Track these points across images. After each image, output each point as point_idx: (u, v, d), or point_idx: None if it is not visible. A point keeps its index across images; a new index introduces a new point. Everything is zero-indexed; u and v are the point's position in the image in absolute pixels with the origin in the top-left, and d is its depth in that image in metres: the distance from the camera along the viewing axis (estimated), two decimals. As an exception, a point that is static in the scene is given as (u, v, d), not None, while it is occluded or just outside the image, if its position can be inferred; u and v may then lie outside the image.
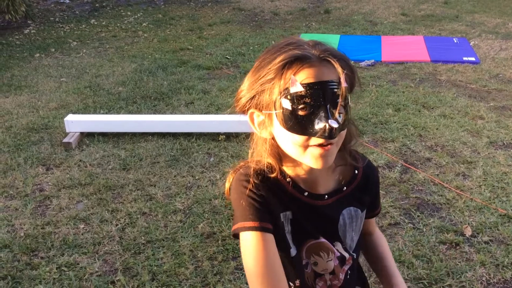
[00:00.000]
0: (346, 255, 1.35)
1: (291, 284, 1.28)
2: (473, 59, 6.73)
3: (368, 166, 1.42)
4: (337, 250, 1.33)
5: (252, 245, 1.16)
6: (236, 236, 1.21)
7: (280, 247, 1.23)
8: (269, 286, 1.12)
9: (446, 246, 3.13)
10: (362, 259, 1.63)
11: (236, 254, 3.07)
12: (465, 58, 6.75)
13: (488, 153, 4.23)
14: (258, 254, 1.15)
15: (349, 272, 1.37)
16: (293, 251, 1.27)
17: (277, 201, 1.24)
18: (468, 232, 3.24)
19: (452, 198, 3.61)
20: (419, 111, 5.08)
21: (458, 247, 3.12)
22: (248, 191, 1.20)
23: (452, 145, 4.37)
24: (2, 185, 3.86)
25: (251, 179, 1.21)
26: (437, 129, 4.68)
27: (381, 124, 4.81)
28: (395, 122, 4.82)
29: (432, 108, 5.16)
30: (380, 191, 3.65)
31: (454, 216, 3.41)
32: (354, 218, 1.35)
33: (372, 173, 1.43)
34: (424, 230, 3.27)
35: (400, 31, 8.49)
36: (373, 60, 6.79)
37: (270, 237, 1.17)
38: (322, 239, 1.31)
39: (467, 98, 5.43)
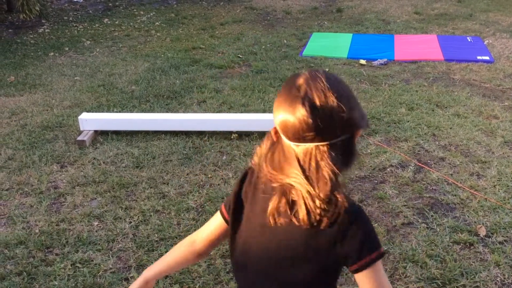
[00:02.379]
0: None
1: None
2: (487, 58, 6.67)
3: None
4: None
5: None
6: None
7: None
8: None
9: (460, 246, 3.11)
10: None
11: (248, 252, 3.08)
12: (479, 57, 6.69)
13: (503, 153, 4.19)
14: None
15: None
16: None
17: None
18: (483, 232, 3.22)
19: (466, 198, 3.58)
20: (433, 110, 5.05)
21: (472, 247, 3.10)
22: None
23: (466, 145, 4.34)
24: (17, 183, 3.90)
25: None
26: (450, 128, 4.64)
27: (394, 123, 4.79)
28: (408, 121, 4.79)
29: (446, 107, 5.13)
30: (394, 190, 3.66)
31: (468, 216, 3.39)
32: None
33: None
34: (438, 230, 3.25)
35: (413, 30, 8.43)
36: (386, 59, 6.75)
37: None
38: None
39: (481, 98, 5.38)
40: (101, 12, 10.52)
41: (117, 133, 4.67)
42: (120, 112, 5.14)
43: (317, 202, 1.12)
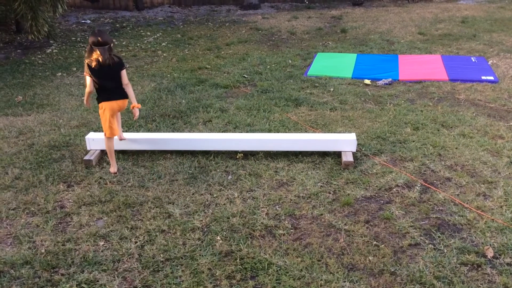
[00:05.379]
0: None
1: None
2: (491, 78, 6.69)
3: None
4: None
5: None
6: None
7: None
8: None
9: (467, 268, 3.08)
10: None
11: (254, 273, 3.07)
12: (483, 77, 6.72)
13: (509, 173, 4.18)
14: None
15: None
16: None
17: None
18: (490, 253, 3.19)
19: (473, 219, 3.56)
20: (438, 130, 5.05)
21: (480, 269, 3.07)
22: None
23: (472, 165, 4.33)
24: (24, 202, 3.92)
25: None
26: (456, 148, 4.64)
27: (400, 143, 4.79)
28: (413, 141, 4.79)
29: (451, 127, 5.13)
30: (400, 211, 3.64)
31: (475, 237, 3.36)
32: None
33: None
34: (445, 251, 3.23)
35: (417, 50, 8.49)
36: (390, 79, 6.79)
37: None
38: None
39: (487, 117, 5.38)
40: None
41: (123, 152, 4.70)
42: (126, 131, 5.17)
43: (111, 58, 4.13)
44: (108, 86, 4.19)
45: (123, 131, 5.16)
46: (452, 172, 4.23)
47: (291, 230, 3.49)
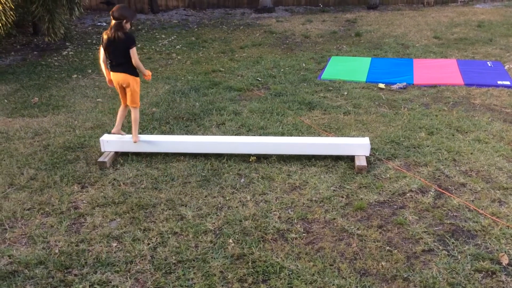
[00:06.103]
0: None
1: None
2: (508, 83, 6.61)
3: None
4: None
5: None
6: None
7: None
8: None
9: (482, 275, 3.04)
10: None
11: (266, 276, 3.06)
12: (499, 82, 6.64)
13: (526, 179, 4.12)
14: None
15: None
16: None
17: None
18: (505, 260, 3.15)
19: (487, 225, 3.51)
20: (453, 135, 5.00)
21: (494, 276, 3.03)
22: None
23: (488, 170, 4.28)
24: (38, 202, 3.96)
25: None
26: (471, 153, 4.59)
27: (414, 147, 4.75)
28: (428, 146, 4.75)
29: (466, 132, 5.08)
30: (414, 216, 3.61)
31: (490, 244, 3.32)
32: None
33: None
34: (459, 257, 3.19)
35: (432, 54, 8.43)
36: (405, 83, 6.74)
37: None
38: None
39: (502, 123, 5.32)
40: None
41: (137, 154, 4.73)
42: (140, 133, 5.20)
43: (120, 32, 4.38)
44: (113, 60, 4.53)
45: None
46: (467, 177, 4.18)
47: (304, 234, 3.48)
